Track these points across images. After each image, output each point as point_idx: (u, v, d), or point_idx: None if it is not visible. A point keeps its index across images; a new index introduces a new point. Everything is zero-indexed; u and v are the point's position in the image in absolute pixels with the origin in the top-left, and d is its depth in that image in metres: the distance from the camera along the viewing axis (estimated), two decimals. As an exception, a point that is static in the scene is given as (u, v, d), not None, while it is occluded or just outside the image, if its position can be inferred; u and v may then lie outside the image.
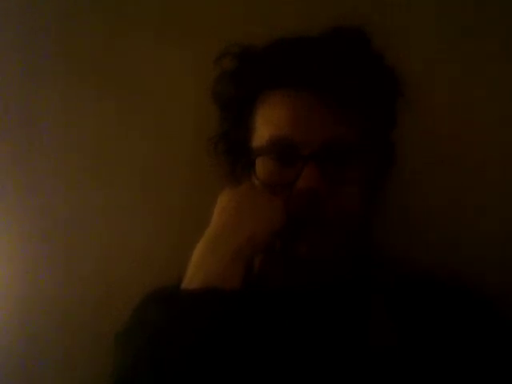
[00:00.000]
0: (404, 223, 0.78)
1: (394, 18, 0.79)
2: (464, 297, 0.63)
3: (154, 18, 0.83)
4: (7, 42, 0.84)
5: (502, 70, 0.79)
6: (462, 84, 0.79)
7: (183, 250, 0.79)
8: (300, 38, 0.66)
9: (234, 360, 0.52)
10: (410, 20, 0.79)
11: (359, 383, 0.57)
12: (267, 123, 0.65)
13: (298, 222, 0.62)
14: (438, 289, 0.64)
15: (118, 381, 0.54)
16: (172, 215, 0.80)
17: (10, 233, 0.83)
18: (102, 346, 0.68)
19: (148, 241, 0.70)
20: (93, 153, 0.83)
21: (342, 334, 0.60)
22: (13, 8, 0.84)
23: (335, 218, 0.62)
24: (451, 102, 0.79)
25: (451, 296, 0.63)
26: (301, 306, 0.63)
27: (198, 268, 0.57)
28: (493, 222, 0.78)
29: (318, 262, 0.62)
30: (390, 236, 0.76)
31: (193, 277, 0.56)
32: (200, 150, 0.78)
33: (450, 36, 0.79)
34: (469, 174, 0.79)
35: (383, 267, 0.68)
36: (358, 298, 0.63)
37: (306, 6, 0.79)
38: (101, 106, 0.83)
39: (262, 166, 0.64)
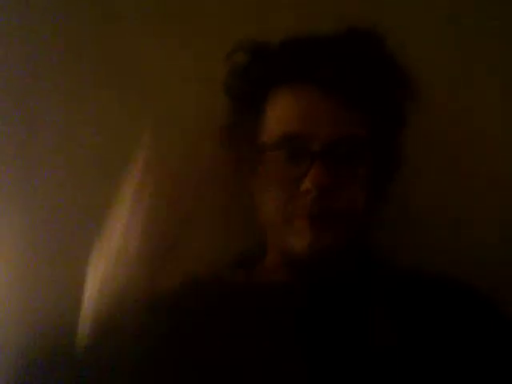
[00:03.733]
0: (404, 223, 0.78)
1: (395, 18, 0.79)
2: (464, 296, 0.64)
3: (156, 16, 0.83)
4: (7, 40, 0.83)
5: (504, 70, 0.79)
6: (465, 85, 0.79)
7: (184, 249, 0.80)
8: (312, 36, 0.67)
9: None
10: (410, 21, 0.79)
11: (359, 383, 0.57)
12: (278, 119, 0.66)
13: (303, 216, 0.62)
14: (438, 288, 0.65)
15: None
16: (176, 215, 0.80)
17: (9, 232, 0.83)
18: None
19: (151, 241, 0.70)
20: (93, 152, 0.83)
21: (341, 334, 0.60)
22: (13, 6, 0.83)
23: (339, 214, 0.63)
24: (452, 101, 0.79)
25: (451, 296, 0.63)
26: (300, 303, 0.63)
27: None
28: (493, 222, 0.78)
29: (319, 259, 0.63)
30: (389, 236, 0.76)
31: None
32: (203, 148, 0.78)
33: (452, 36, 0.79)
34: (469, 173, 0.79)
35: (383, 266, 0.69)
36: (358, 297, 0.63)
37: (312, 6, 0.79)
38: (101, 104, 0.83)
39: (270, 162, 0.65)
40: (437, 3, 0.80)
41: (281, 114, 0.65)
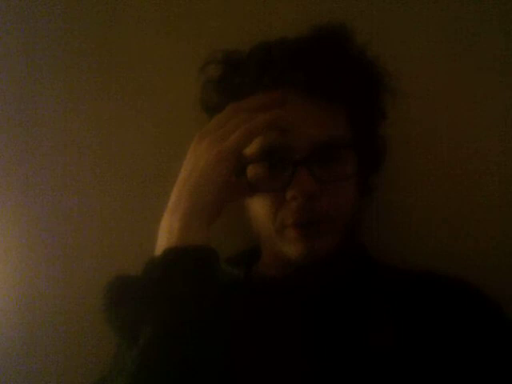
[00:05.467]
0: (402, 223, 0.79)
1: (383, 12, 0.79)
2: (463, 296, 0.64)
3: (154, 17, 0.83)
4: (7, 41, 0.84)
5: (493, 60, 0.79)
6: (459, 80, 0.79)
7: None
8: (280, 40, 0.66)
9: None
10: (398, 14, 0.80)
11: (359, 383, 0.58)
12: None
13: (294, 224, 0.62)
14: (437, 288, 0.65)
15: None
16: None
17: (10, 232, 0.83)
18: (103, 346, 0.68)
19: (149, 241, 0.70)
20: (92, 152, 0.83)
21: (341, 334, 0.61)
22: (13, 7, 0.84)
23: (330, 218, 0.63)
24: (447, 98, 0.79)
25: (450, 295, 0.63)
26: (299, 302, 0.63)
27: (162, 233, 0.57)
28: (492, 220, 0.78)
29: (315, 263, 0.63)
30: (388, 236, 0.76)
31: (159, 245, 0.57)
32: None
33: (440, 28, 0.79)
34: (466, 171, 0.79)
35: (383, 267, 0.69)
36: (357, 297, 0.64)
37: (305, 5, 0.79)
38: (101, 105, 0.83)
39: (253, 173, 0.64)
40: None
41: None
